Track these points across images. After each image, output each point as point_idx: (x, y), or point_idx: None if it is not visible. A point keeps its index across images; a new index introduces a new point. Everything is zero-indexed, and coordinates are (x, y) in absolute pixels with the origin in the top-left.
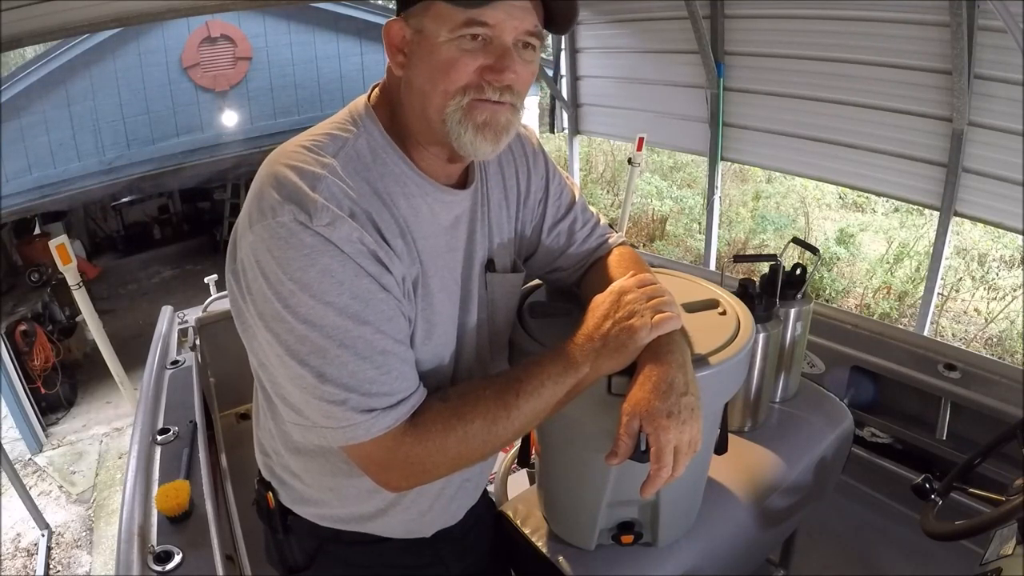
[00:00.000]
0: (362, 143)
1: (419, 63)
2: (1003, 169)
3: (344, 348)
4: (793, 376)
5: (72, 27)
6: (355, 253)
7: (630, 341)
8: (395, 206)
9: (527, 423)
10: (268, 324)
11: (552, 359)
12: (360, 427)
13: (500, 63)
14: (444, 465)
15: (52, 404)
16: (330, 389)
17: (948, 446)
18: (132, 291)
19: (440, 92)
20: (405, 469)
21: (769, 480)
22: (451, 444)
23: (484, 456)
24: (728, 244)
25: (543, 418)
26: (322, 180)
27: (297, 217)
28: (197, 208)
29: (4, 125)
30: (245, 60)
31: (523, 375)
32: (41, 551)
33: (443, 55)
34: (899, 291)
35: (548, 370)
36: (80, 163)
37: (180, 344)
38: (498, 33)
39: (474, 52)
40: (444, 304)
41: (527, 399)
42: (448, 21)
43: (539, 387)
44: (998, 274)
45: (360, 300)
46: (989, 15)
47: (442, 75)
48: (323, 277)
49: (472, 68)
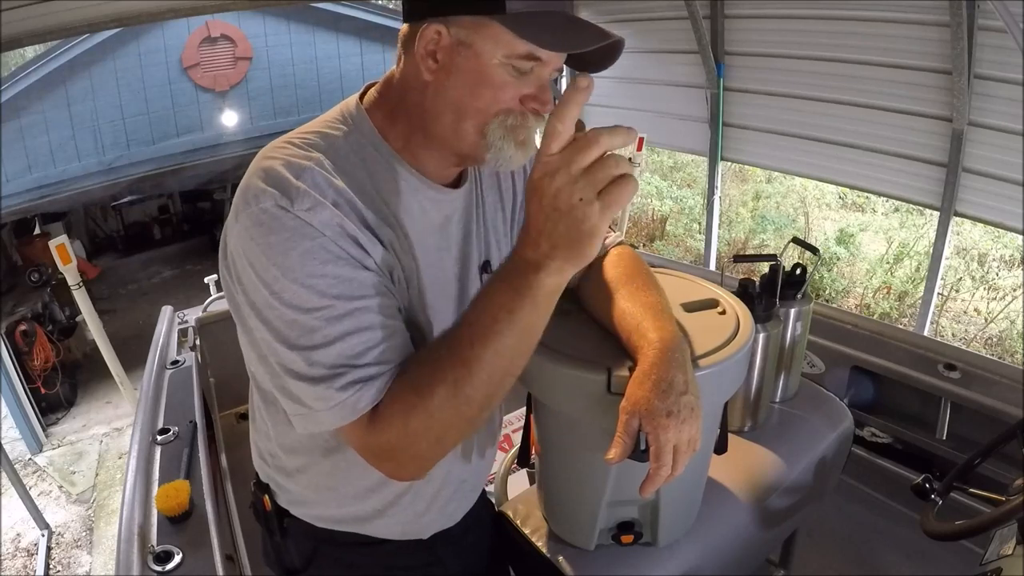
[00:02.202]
0: (352, 140)
1: (460, 75)
2: (1003, 169)
3: (331, 326)
4: (793, 376)
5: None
6: (335, 236)
7: (577, 231)
8: (384, 201)
9: (499, 370)
10: (258, 312)
11: (497, 288)
12: (346, 405)
13: (544, 95)
14: (424, 445)
15: (52, 404)
16: (319, 369)
17: (948, 446)
18: (132, 291)
19: (482, 110)
20: (390, 458)
21: (769, 480)
22: (416, 424)
23: (469, 421)
24: (728, 244)
25: (522, 357)
26: (307, 170)
27: (278, 202)
28: (197, 208)
29: (4, 125)
30: (245, 60)
31: (471, 318)
32: (41, 551)
33: (493, 76)
34: (899, 291)
35: (496, 302)
36: (80, 163)
37: (180, 344)
38: (543, 69)
39: (520, 79)
40: (437, 302)
41: (484, 345)
42: (506, 47)
43: (492, 326)
44: (998, 274)
45: (342, 280)
46: (989, 15)
47: (488, 95)
48: (304, 259)
49: (515, 93)
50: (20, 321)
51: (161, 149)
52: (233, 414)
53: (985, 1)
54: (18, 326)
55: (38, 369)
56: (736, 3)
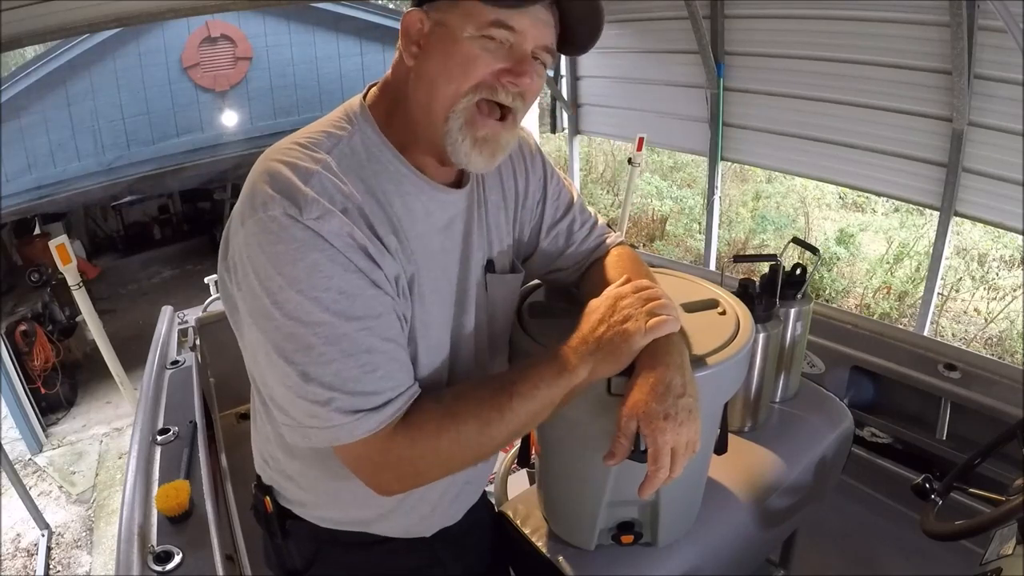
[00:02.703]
0: (356, 140)
1: (435, 55)
2: (1003, 169)
3: (329, 345)
4: (793, 376)
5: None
6: (344, 247)
7: (625, 345)
8: (389, 204)
9: (521, 426)
10: (257, 321)
11: (547, 362)
12: (343, 429)
13: (519, 67)
14: (436, 467)
15: (52, 404)
16: (314, 388)
17: (948, 446)
18: (132, 291)
19: (453, 87)
20: (397, 471)
21: (769, 480)
22: (443, 445)
23: (477, 459)
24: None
25: (537, 421)
26: (315, 175)
27: (287, 211)
28: (197, 208)
29: (4, 125)
30: (245, 60)
31: (518, 377)
32: (41, 551)
33: (463, 50)
34: (899, 291)
35: (543, 372)
36: (80, 163)
37: (180, 344)
38: (520, 40)
39: (495, 53)
40: (436, 306)
41: (521, 401)
42: (475, 19)
43: (533, 389)
44: (998, 274)
45: (348, 296)
46: (989, 15)
47: (459, 70)
48: (311, 272)
49: (489, 68)
50: (20, 321)
51: (161, 149)
52: (233, 414)
53: (985, 1)
54: (18, 326)
55: (38, 369)
56: (736, 3)
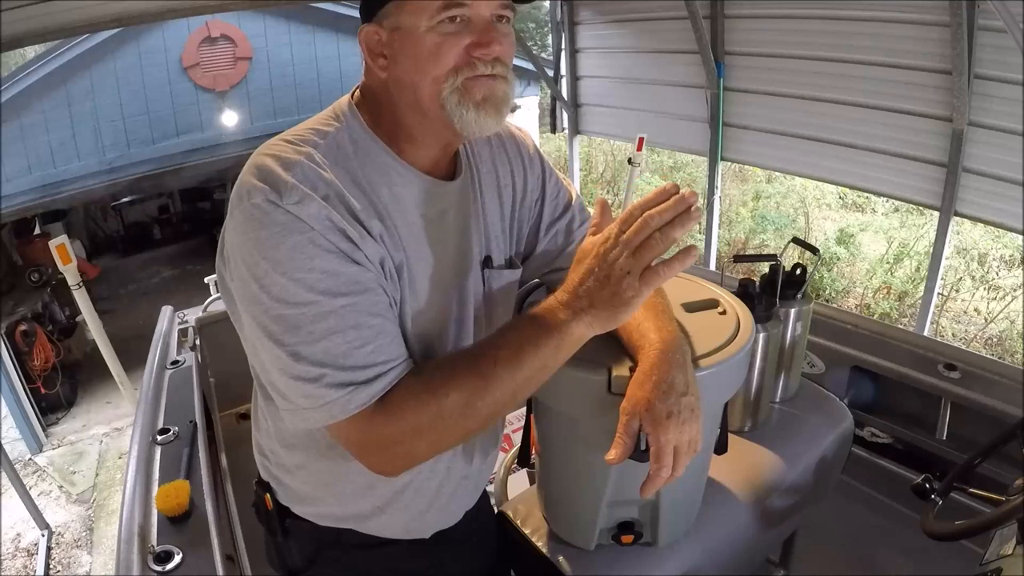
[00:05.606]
0: (344, 136)
1: (403, 59)
2: (1003, 169)
3: (316, 324)
4: (793, 376)
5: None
6: (324, 229)
7: (617, 299)
8: (375, 192)
9: (510, 394)
10: (247, 307)
11: (529, 322)
12: (337, 404)
13: (485, 37)
14: (424, 444)
15: (52, 404)
16: (305, 367)
17: (948, 446)
18: (132, 291)
19: (431, 79)
20: (384, 451)
21: (769, 480)
22: (425, 421)
23: (467, 433)
24: (728, 244)
25: (532, 387)
26: (297, 164)
27: (268, 197)
28: (197, 208)
29: (4, 125)
30: (245, 60)
31: (501, 341)
32: (41, 551)
33: (427, 43)
34: (899, 291)
35: (525, 334)
36: (80, 163)
37: (180, 344)
38: (475, 12)
39: (457, 34)
40: (434, 296)
41: (505, 367)
42: (425, 11)
43: (518, 353)
44: (998, 274)
45: (331, 275)
46: (989, 15)
47: (430, 62)
48: (293, 254)
49: (458, 49)
50: (20, 321)
51: (161, 149)
52: (233, 414)
53: (985, 1)
54: (18, 326)
55: (38, 369)
56: (736, 3)
